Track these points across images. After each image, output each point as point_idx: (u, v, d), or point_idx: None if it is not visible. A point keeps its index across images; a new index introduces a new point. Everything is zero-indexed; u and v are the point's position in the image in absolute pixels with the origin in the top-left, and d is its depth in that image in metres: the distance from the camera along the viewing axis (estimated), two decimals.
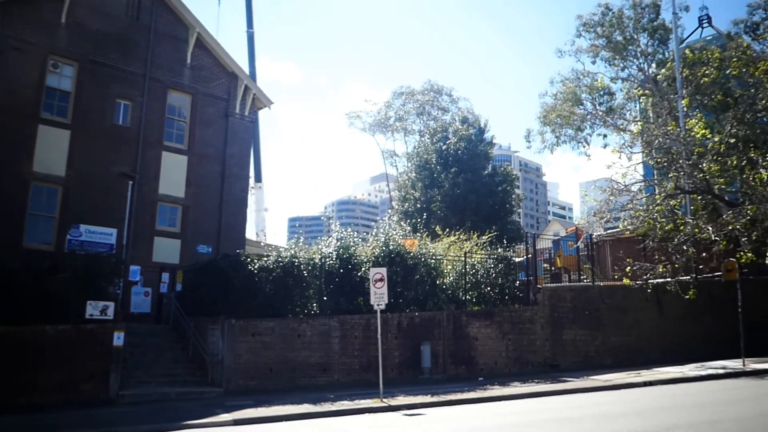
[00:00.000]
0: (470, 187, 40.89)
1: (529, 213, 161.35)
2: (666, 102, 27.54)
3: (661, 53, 39.28)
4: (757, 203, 21.70)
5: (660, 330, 24.19)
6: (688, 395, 15.55)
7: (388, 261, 20.17)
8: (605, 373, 19.94)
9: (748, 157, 23.75)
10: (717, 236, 22.47)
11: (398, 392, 16.75)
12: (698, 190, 24.28)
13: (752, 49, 32.29)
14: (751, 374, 19.29)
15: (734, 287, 21.42)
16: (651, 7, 38.54)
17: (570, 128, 41.29)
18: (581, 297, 23.38)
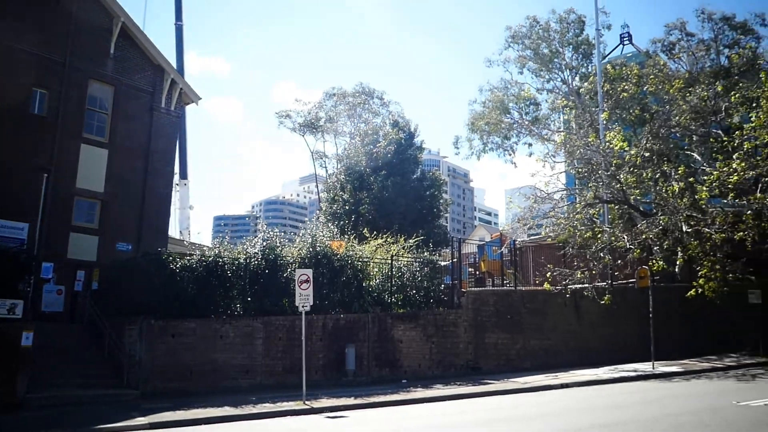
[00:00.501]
0: (399, 191, 41.22)
1: (456, 218, 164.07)
2: (588, 114, 28.70)
3: (585, 67, 40.83)
4: (669, 214, 22.81)
5: (577, 334, 25.04)
6: (601, 397, 16.16)
7: (314, 262, 20.05)
8: (525, 376, 20.48)
9: (661, 170, 24.98)
10: (632, 245, 23.49)
11: (322, 394, 16.66)
12: (615, 200, 25.33)
13: (668, 68, 34.06)
14: (660, 376, 20.25)
15: (647, 293, 22.44)
16: (576, 23, 40.03)
17: (497, 136, 42.33)
18: (504, 301, 23.92)
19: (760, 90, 24.70)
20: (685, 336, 26.64)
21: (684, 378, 19.79)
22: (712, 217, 22.97)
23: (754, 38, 38.57)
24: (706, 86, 28.39)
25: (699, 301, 24.00)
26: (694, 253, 23.72)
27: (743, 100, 26.15)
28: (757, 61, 32.20)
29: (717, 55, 38.52)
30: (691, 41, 39.26)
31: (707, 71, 34.87)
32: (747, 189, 23.92)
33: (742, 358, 24.94)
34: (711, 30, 39.03)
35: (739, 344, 26.48)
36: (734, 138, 24.95)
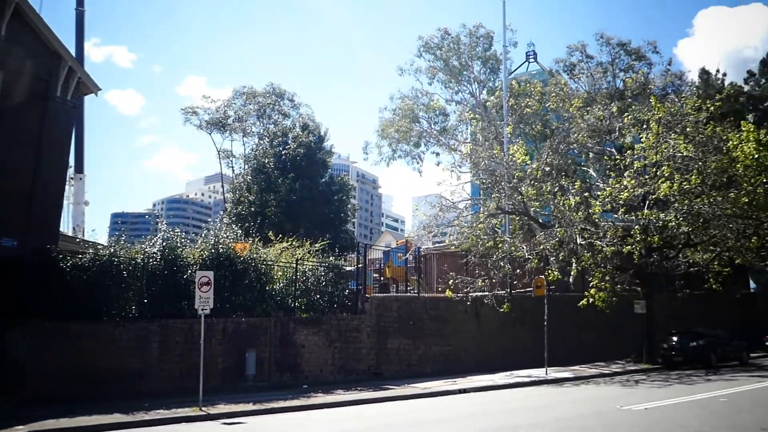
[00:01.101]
0: (307, 194, 40.92)
1: (363, 223, 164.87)
2: (493, 127, 29.64)
3: (492, 82, 42.22)
4: (565, 226, 23.89)
5: (477, 340, 25.71)
6: (495, 402, 16.65)
7: (216, 264, 19.53)
8: (425, 381, 20.77)
9: (560, 184, 26.14)
10: (530, 255, 24.43)
11: (219, 400, 16.21)
12: (517, 212, 26.26)
13: (569, 87, 35.77)
14: (552, 382, 21.11)
15: (542, 302, 23.37)
16: (485, 38, 41.31)
17: (406, 144, 42.95)
18: (407, 307, 24.20)
19: (651, 113, 26.38)
20: (577, 343, 27.93)
21: (574, 383, 20.72)
22: (604, 230, 24.26)
23: (646, 64, 41.23)
24: (602, 107, 30.01)
25: (590, 310, 25.27)
26: (586, 264, 24.98)
27: (635, 121, 27.85)
28: (648, 86, 34.39)
29: (613, 77, 40.84)
30: (590, 63, 41.46)
31: (604, 92, 36.90)
32: (636, 205, 25.50)
33: (627, 364, 26.43)
34: (609, 54, 41.39)
35: (625, 351, 28.06)
36: (626, 157, 26.53)
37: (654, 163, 25.16)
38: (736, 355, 27.32)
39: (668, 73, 42.26)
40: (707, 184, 23.85)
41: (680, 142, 24.14)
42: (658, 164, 24.86)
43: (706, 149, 24.16)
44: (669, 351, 25.84)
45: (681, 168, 24.03)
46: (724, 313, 36.48)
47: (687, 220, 24.28)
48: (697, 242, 26.60)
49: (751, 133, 24.45)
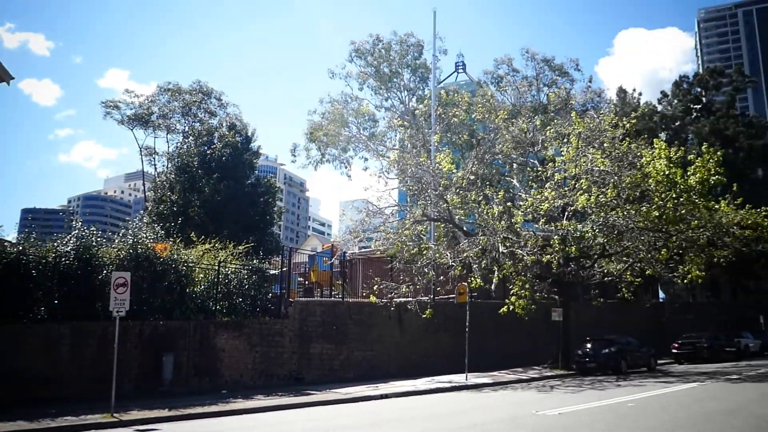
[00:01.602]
0: (232, 195, 40.16)
1: (290, 226, 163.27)
2: (421, 135, 30.00)
3: (421, 90, 42.70)
4: (488, 235, 24.43)
5: (400, 346, 25.88)
6: (415, 408, 16.78)
7: (134, 265, 18.87)
8: (347, 387, 20.73)
9: (484, 194, 26.74)
10: (454, 262, 24.82)
11: (133, 406, 15.63)
12: (442, 219, 26.66)
13: (495, 99, 36.63)
14: (472, 387, 21.49)
15: (465, 309, 23.78)
16: (415, 47, 41.78)
17: (335, 148, 42.85)
18: (331, 312, 24.11)
19: (571, 128, 27.35)
20: (497, 349, 28.58)
21: (493, 389, 21.16)
22: (525, 239, 24.94)
23: (569, 80, 42.82)
24: (526, 119, 30.97)
25: (510, 317, 25.89)
26: (508, 272, 25.61)
27: (557, 135, 28.81)
28: (570, 102, 35.66)
29: (538, 91, 42.17)
30: (516, 77, 42.66)
31: (528, 105, 38.02)
32: (555, 216, 26.37)
33: (544, 370, 27.23)
34: (534, 69, 42.74)
35: (543, 357, 28.91)
36: (547, 169, 27.41)
37: (573, 175, 26.09)
38: (645, 362, 28.61)
39: (589, 90, 43.99)
40: (622, 197, 24.90)
41: (598, 156, 25.12)
42: (577, 177, 25.79)
43: (621, 164, 25.23)
44: (583, 357, 26.79)
45: (598, 181, 25.00)
46: (635, 322, 38.25)
47: (602, 231, 25.29)
48: (612, 253, 27.74)
49: (662, 150, 25.71)
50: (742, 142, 56.64)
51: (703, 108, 61.07)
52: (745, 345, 36.61)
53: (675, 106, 61.79)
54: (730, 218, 29.16)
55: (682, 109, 60.93)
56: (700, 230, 26.71)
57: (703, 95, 62.33)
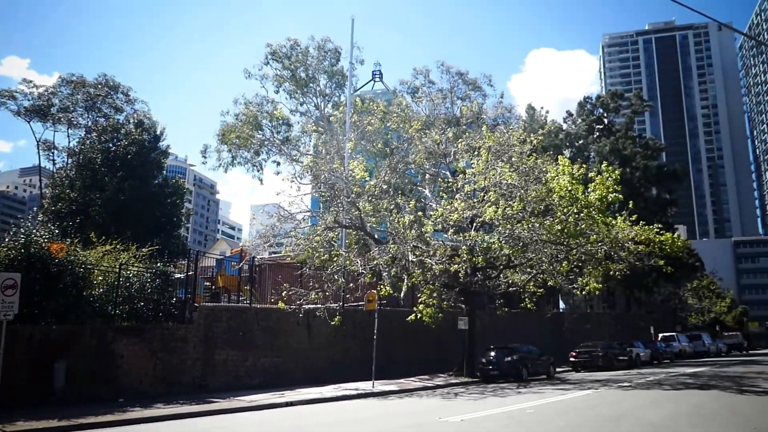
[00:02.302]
0: (137, 195, 38.63)
1: (198, 229, 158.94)
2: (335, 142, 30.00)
3: (337, 96, 42.67)
4: (399, 243, 24.68)
5: (308, 353, 25.66)
6: (321, 415, 16.67)
7: (26, 266, 17.73)
8: (253, 394, 20.32)
9: (396, 202, 27.01)
10: (364, 269, 24.90)
11: (20, 417, 14.65)
12: (353, 226, 26.71)
13: (410, 109, 37.16)
14: (379, 395, 21.58)
15: (373, 316, 23.88)
16: (333, 53, 41.74)
17: (247, 151, 42.06)
18: (238, 318, 23.60)
19: (482, 141, 28.15)
20: (405, 357, 28.88)
21: (399, 396, 21.32)
22: (434, 249, 25.38)
23: (481, 95, 44.04)
24: (439, 131, 31.57)
25: (418, 325, 26.25)
26: (417, 280, 25.96)
27: (468, 147, 29.55)
28: (481, 116, 36.71)
29: (451, 104, 43.13)
30: (432, 88, 43.46)
31: (442, 117, 38.79)
32: (464, 227, 27.00)
33: (449, 378, 27.74)
34: (449, 81, 43.70)
35: (449, 365, 29.47)
36: (458, 180, 28.04)
37: (482, 188, 26.83)
38: (545, 370, 29.70)
39: (500, 106, 45.41)
40: (527, 210, 25.80)
41: (506, 170, 25.96)
42: (486, 189, 26.54)
43: (527, 179, 26.17)
44: (486, 365, 27.49)
45: (505, 194, 25.81)
46: (537, 330, 39.76)
47: (508, 243, 26.10)
48: (517, 264, 28.67)
49: (566, 167, 26.89)
50: (638, 162, 60.18)
51: (604, 128, 64.51)
52: (636, 354, 38.71)
53: (579, 125, 64.97)
54: (625, 234, 30.81)
55: (585, 129, 64.13)
56: (599, 244, 28.06)
57: (604, 116, 65.84)
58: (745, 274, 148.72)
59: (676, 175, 64.02)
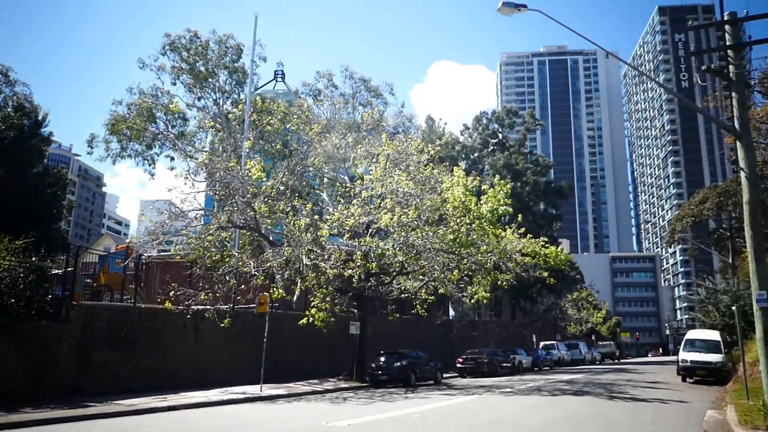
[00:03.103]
0: (12, 184, 36.00)
1: (81, 223, 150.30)
2: (233, 140, 29.34)
3: (237, 94, 41.70)
4: (294, 246, 24.44)
5: (195, 355, 24.84)
6: (204, 419, 16.17)
7: None
8: (134, 398, 19.38)
9: (293, 205, 26.75)
10: (257, 271, 24.46)
11: None
12: (248, 227, 26.19)
13: (311, 111, 36.94)
14: (266, 399, 21.22)
15: (264, 319, 23.49)
16: (234, 49, 40.79)
17: (139, 143, 40.25)
18: (120, 317, 22.49)
19: (381, 148, 28.44)
20: (296, 361, 28.62)
21: (287, 400, 21.08)
22: (329, 253, 25.33)
23: (383, 102, 44.51)
24: (340, 135, 31.60)
25: (310, 329, 26.09)
26: (310, 284, 25.82)
27: (367, 154, 29.77)
28: (382, 123, 37.07)
29: (353, 109, 43.25)
30: (334, 92, 43.43)
31: (343, 122, 38.85)
32: (360, 232, 27.14)
33: (339, 382, 27.74)
34: (351, 87, 43.82)
35: (340, 370, 29.46)
36: (356, 186, 28.17)
37: (379, 194, 27.10)
38: (433, 375, 30.34)
39: (401, 114, 46.05)
40: (422, 219, 26.29)
41: (403, 178, 26.37)
42: (383, 196, 26.83)
43: (423, 188, 26.70)
44: (376, 370, 27.72)
45: (401, 202, 26.18)
46: (427, 337, 40.58)
47: (402, 250, 26.48)
48: (410, 271, 29.15)
49: (461, 178, 27.67)
50: (529, 178, 63.00)
51: (498, 143, 67.08)
52: (519, 361, 40.38)
53: (475, 138, 67.22)
54: (513, 245, 32.08)
55: (480, 142, 66.45)
56: (488, 255, 29.03)
57: (499, 131, 68.48)
58: (620, 287, 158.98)
59: (562, 191, 67.54)
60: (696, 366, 28.70)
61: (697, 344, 30.31)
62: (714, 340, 30.60)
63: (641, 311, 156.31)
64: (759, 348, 13.56)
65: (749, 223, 13.93)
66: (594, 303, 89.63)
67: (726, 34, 14.56)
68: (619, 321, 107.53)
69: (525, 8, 16.19)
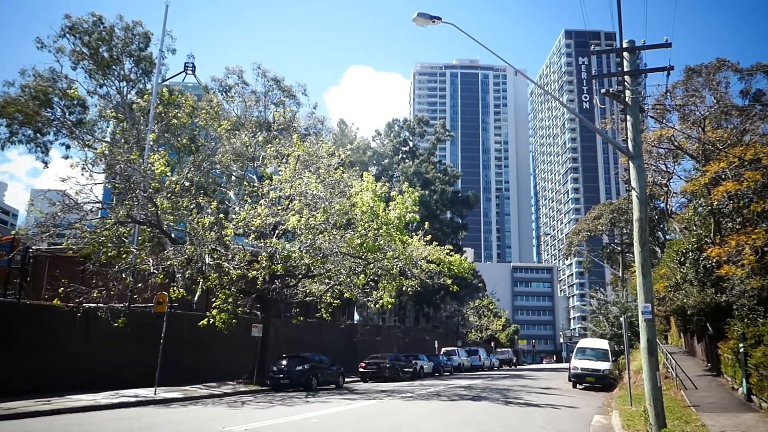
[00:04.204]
0: None
1: None
2: (136, 131, 28.08)
3: (143, 84, 39.98)
4: (196, 245, 23.69)
5: (86, 356, 23.49)
6: (91, 424, 15.32)
7: None
8: (13, 401, 18.06)
9: (197, 202, 25.92)
10: (156, 269, 23.51)
11: None
12: (149, 223, 25.12)
13: (221, 107, 36.01)
14: (161, 402, 20.37)
15: (162, 319, 22.56)
16: (142, 37, 39.07)
17: (31, 128, 37.77)
18: (2, 314, 20.96)
19: (292, 149, 28.10)
20: (195, 363, 27.70)
21: (182, 404, 20.32)
22: (233, 253, 24.73)
23: (296, 103, 44.19)
24: (250, 134, 30.95)
25: (211, 331, 25.32)
26: (212, 284, 25.09)
27: (277, 154, 29.33)
28: (293, 124, 36.70)
29: (265, 108, 42.65)
30: (245, 89, 42.63)
31: (254, 120, 38.19)
32: (266, 233, 26.67)
33: (239, 385, 27.08)
34: (264, 85, 43.26)
35: (241, 373, 28.76)
36: (264, 186, 27.68)
37: (288, 196, 26.75)
38: (335, 380, 30.18)
39: (313, 116, 45.85)
40: (330, 222, 26.16)
41: (312, 180, 26.15)
42: (291, 198, 26.50)
43: (333, 191, 26.59)
44: (277, 374, 27.26)
45: (310, 204, 25.96)
46: (331, 341, 40.44)
47: (309, 253, 26.23)
48: (316, 274, 28.93)
49: (370, 184, 27.77)
50: (437, 186, 64.23)
51: (409, 151, 68.05)
52: (420, 366, 40.91)
53: (386, 144, 67.85)
54: (419, 252, 32.52)
55: (392, 149, 67.14)
56: (395, 260, 29.29)
57: (410, 139, 69.48)
58: (519, 296, 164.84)
59: (468, 201, 69.29)
60: (586, 373, 30.07)
61: (588, 352, 31.83)
62: (603, 348, 32.27)
63: (538, 320, 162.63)
64: (642, 357, 14.31)
65: (638, 239, 14.71)
66: (495, 311, 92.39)
67: (624, 60, 15.35)
68: (517, 329, 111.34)
69: (439, 20, 16.42)
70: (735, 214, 25.86)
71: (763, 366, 17.01)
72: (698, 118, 30.56)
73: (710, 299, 25.05)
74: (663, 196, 40.46)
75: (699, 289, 25.94)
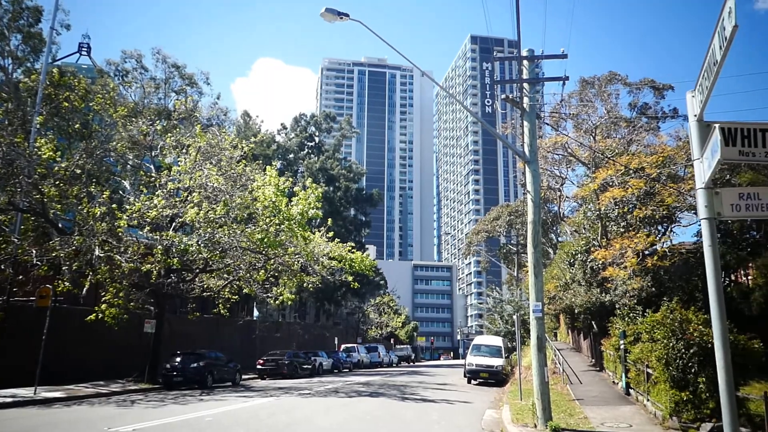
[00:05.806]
0: None
1: None
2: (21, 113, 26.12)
3: (32, 62, 37.43)
4: (86, 236, 22.45)
5: None
6: None
7: None
8: None
9: (88, 191, 24.53)
10: (40, 260, 22.11)
11: None
12: (32, 211, 23.53)
13: (117, 92, 34.29)
14: (41, 402, 19.19)
15: (45, 314, 21.22)
16: (32, 11, 36.51)
17: None
18: None
19: (193, 140, 27.19)
20: (82, 361, 26.30)
21: (66, 404, 19.24)
22: (126, 245, 23.66)
23: (198, 92, 42.88)
24: (148, 121, 29.65)
25: (100, 326, 24.14)
26: (102, 278, 23.88)
27: (177, 144, 28.25)
28: (195, 113, 35.52)
29: (165, 96, 41.10)
30: (144, 75, 40.89)
31: (153, 108, 36.68)
32: (162, 225, 25.67)
33: (128, 384, 25.94)
34: (164, 72, 41.66)
35: (133, 370, 27.54)
36: (162, 176, 26.62)
37: (187, 187, 25.86)
38: (231, 377, 29.56)
39: (216, 107, 44.63)
40: (230, 216, 25.57)
41: (213, 173, 25.43)
42: (190, 190, 25.64)
43: (234, 184, 25.98)
44: (171, 371, 26.34)
45: (210, 197, 25.24)
46: (229, 337, 39.59)
47: (207, 247, 25.53)
48: (214, 269, 28.19)
49: (273, 178, 27.36)
50: (342, 183, 64.27)
51: (315, 146, 67.69)
52: (319, 363, 40.77)
53: (292, 139, 67.12)
54: (321, 249, 32.37)
55: (297, 144, 66.51)
56: (296, 256, 29.00)
57: (316, 135, 69.12)
58: (419, 294, 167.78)
59: (372, 199, 69.78)
60: (480, 369, 31.02)
61: (482, 349, 32.86)
62: (497, 345, 33.42)
63: (437, 317, 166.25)
64: (532, 353, 14.91)
65: (531, 240, 15.32)
66: (395, 308, 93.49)
67: (524, 68, 15.91)
68: (416, 326, 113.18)
69: (347, 17, 16.40)
70: (620, 219, 27.45)
71: (640, 362, 18.15)
72: (590, 128, 32.23)
73: (596, 299, 26.47)
74: (556, 200, 42.45)
75: (586, 289, 27.36)
